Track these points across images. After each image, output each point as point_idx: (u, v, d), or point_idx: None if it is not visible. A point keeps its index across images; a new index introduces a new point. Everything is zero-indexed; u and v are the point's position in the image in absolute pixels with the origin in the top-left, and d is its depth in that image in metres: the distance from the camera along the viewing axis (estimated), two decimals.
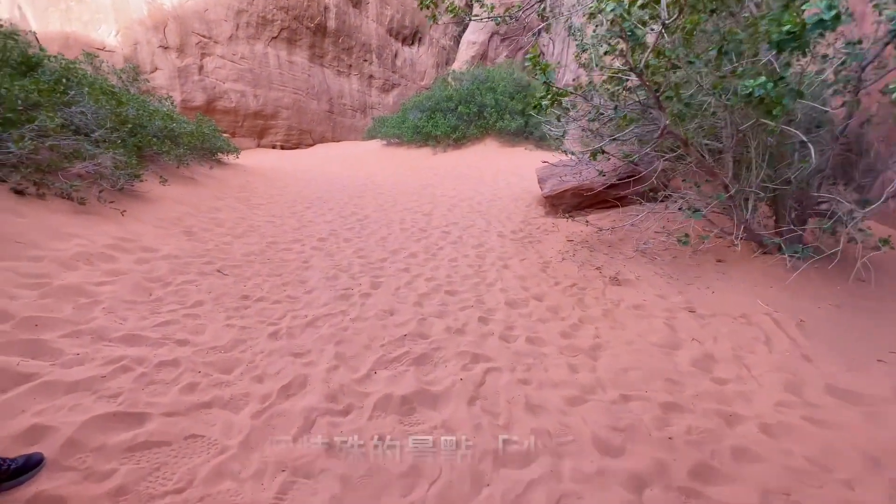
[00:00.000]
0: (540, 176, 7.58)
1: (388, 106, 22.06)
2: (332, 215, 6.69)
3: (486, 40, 23.29)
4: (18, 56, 5.64)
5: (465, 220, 6.62)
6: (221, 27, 15.30)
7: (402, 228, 5.99)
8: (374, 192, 8.91)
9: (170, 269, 3.64)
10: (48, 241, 3.51)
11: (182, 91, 14.82)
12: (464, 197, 8.41)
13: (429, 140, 15.38)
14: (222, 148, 9.44)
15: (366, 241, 5.25)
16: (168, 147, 6.70)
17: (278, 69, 17.24)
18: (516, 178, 10.07)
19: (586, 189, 6.70)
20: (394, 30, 21.62)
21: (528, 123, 14.79)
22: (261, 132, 17.56)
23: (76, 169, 4.55)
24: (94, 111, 5.50)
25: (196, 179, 7.37)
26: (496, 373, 2.49)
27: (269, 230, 5.51)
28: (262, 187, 8.62)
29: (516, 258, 4.73)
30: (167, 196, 5.80)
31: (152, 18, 13.81)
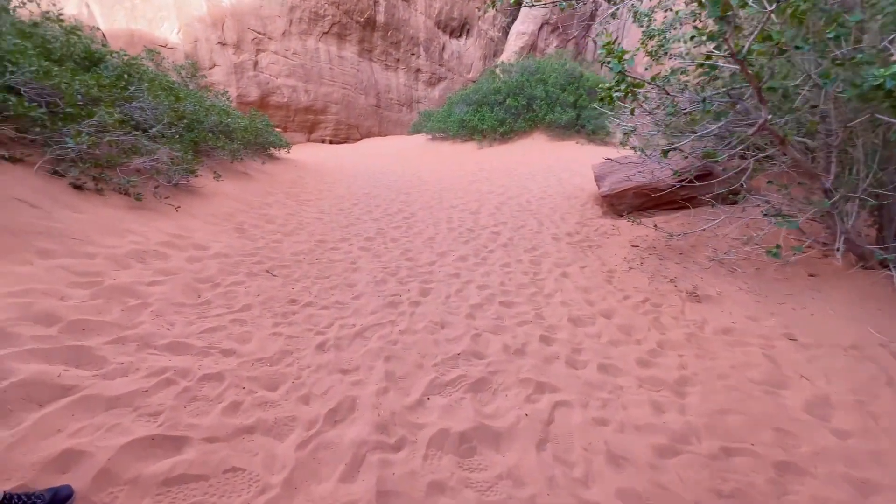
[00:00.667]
0: (597, 173, 7.05)
1: (433, 100, 21.81)
2: (378, 213, 6.51)
3: (535, 31, 22.49)
4: (82, 51, 5.79)
5: (515, 219, 6.24)
6: (275, 23, 15.55)
7: (449, 228, 5.70)
8: (420, 189, 8.68)
9: (219, 268, 3.54)
10: (103, 238, 3.49)
11: (238, 86, 15.23)
12: (512, 194, 8.01)
13: (475, 134, 15.00)
14: (274, 143, 9.53)
15: (413, 242, 5.01)
16: (223, 142, 6.75)
17: (328, 64, 17.38)
18: (568, 174, 9.52)
19: (651, 188, 6.13)
20: (442, 22, 21.26)
21: (581, 116, 14.06)
22: (311, 127, 17.82)
23: (134, 164, 4.58)
24: (152, 107, 5.57)
25: (249, 174, 7.42)
26: (566, 408, 2.14)
27: (318, 228, 5.38)
28: (312, 182, 8.60)
29: (576, 265, 4.32)
30: (220, 191, 5.82)
31: (211, 16, 14.22)
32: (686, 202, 6.13)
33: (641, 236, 5.14)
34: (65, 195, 3.81)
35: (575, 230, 5.66)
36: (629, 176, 6.54)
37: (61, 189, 3.87)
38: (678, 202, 6.16)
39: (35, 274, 2.77)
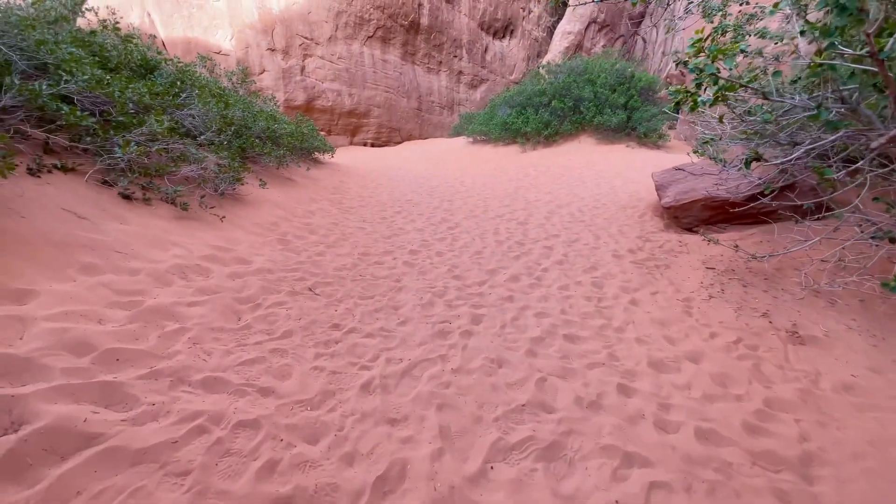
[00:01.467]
0: (658, 182, 6.45)
1: (475, 102, 21.42)
2: (422, 222, 6.21)
3: (582, 30, 21.63)
4: (139, 59, 5.83)
5: (568, 231, 5.77)
6: (322, 28, 15.67)
7: (497, 241, 5.32)
8: (464, 195, 8.33)
9: (261, 286, 3.33)
10: (148, 251, 3.36)
11: (285, 91, 15.46)
12: (562, 202, 7.51)
13: (518, 137, 14.48)
14: (319, 147, 9.47)
15: (459, 257, 4.66)
16: (269, 149, 6.67)
17: (372, 68, 17.37)
18: (621, 181, 8.89)
19: (722, 201, 5.50)
20: (485, 23, 20.83)
21: (631, 118, 13.26)
22: (353, 130, 17.89)
23: (182, 173, 4.49)
24: (202, 114, 5.52)
25: (294, 180, 7.34)
26: (665, 493, 1.72)
27: (361, 238, 5.15)
28: (354, 188, 8.45)
29: (645, 290, 3.83)
30: (265, 199, 5.70)
31: (262, 22, 14.48)
32: (763, 217, 5.48)
33: (715, 256, 4.56)
34: (113, 205, 3.74)
35: (637, 246, 5.13)
36: (696, 186, 5.92)
37: (110, 199, 3.80)
38: (753, 216, 5.51)
39: (76, 293, 2.62)
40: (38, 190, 3.35)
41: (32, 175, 3.45)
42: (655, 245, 5.19)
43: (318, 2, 15.29)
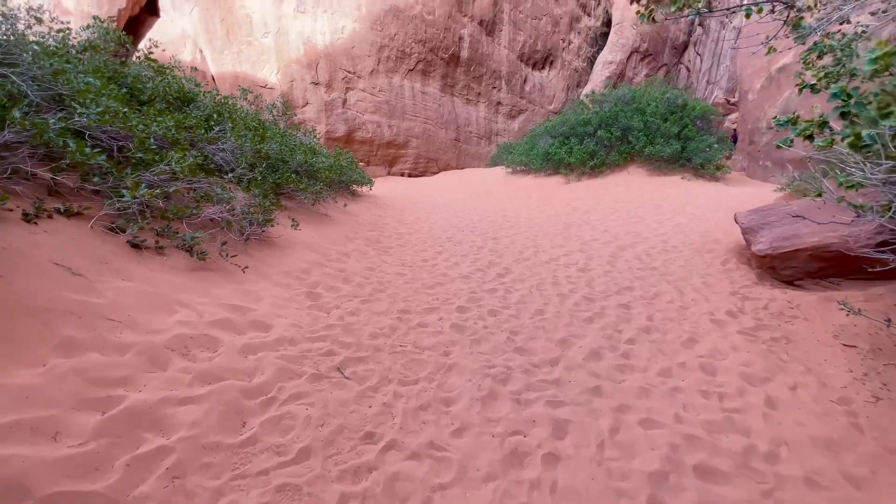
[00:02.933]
0: (746, 224, 5.40)
1: (513, 132, 20.84)
2: (466, 265, 5.40)
3: (624, 59, 20.84)
4: (176, 91, 5.46)
5: (643, 283, 4.78)
6: (364, 62, 15.63)
7: (559, 294, 4.41)
8: (509, 232, 7.50)
9: (278, 368, 2.57)
10: (148, 316, 2.70)
11: (327, 123, 15.38)
12: (623, 243, 6.52)
13: (560, 168, 13.61)
14: (357, 180, 8.96)
15: (518, 318, 3.78)
16: (305, 184, 6.13)
17: (412, 100, 17.16)
18: (686, 219, 7.81)
19: (837, 250, 4.40)
20: (525, 55, 20.43)
21: (686, 148, 12.15)
22: (392, 160, 17.60)
23: (205, 215, 3.90)
24: (234, 148, 5.02)
25: (330, 216, 6.75)
26: None
27: (400, 288, 4.37)
28: (392, 223, 7.80)
29: (778, 382, 2.81)
30: (298, 241, 5.07)
31: (307, 57, 14.56)
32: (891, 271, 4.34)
33: (846, 325, 3.47)
34: (118, 256, 3.14)
35: (735, 307, 4.09)
36: (797, 231, 4.84)
37: (116, 248, 3.21)
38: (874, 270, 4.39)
39: (37, 388, 1.94)
40: (29, 240, 2.77)
41: (28, 221, 2.90)
42: (758, 305, 4.13)
43: (361, 37, 15.30)
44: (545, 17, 20.37)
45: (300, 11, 14.34)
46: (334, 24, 14.80)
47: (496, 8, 18.53)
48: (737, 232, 6.43)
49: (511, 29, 19.42)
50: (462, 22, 17.60)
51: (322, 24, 14.68)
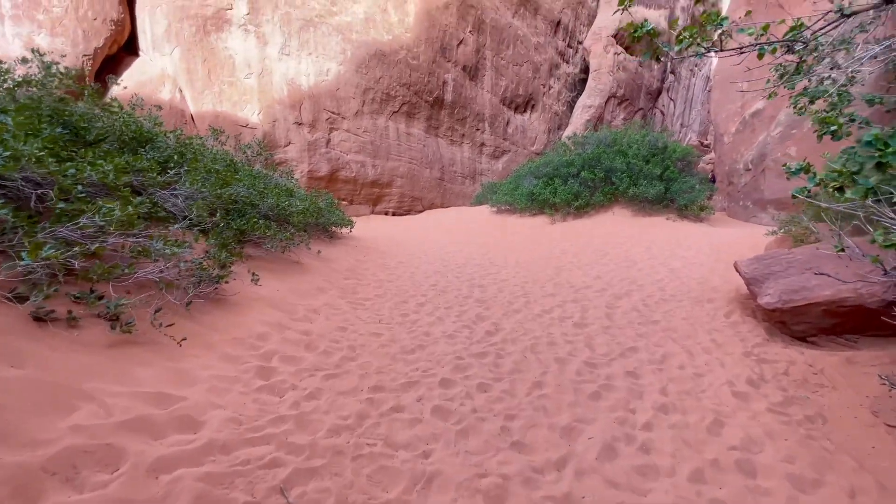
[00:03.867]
0: (749, 275, 4.97)
1: (496, 172, 20.83)
2: (451, 320, 4.80)
3: (602, 103, 21.34)
4: (133, 131, 4.92)
5: (646, 342, 4.24)
6: (349, 104, 15.51)
7: (556, 360, 3.81)
8: (497, 278, 6.96)
9: (196, 497, 1.87)
10: (35, 419, 2.00)
11: (310, 163, 14.99)
12: (618, 291, 6.03)
13: (545, 208, 13.37)
14: (336, 222, 8.41)
15: (514, 396, 3.16)
16: (274, 230, 5.53)
17: (396, 140, 17.02)
18: (679, 263, 7.42)
19: (855, 305, 3.97)
20: (507, 99, 20.76)
21: (669, 189, 12.05)
22: (375, 200, 17.21)
23: (139, 275, 3.26)
24: (191, 193, 4.43)
25: (301, 264, 6.12)
26: None
27: (374, 355, 3.73)
28: (372, 269, 7.20)
29: (831, 485, 2.23)
30: (258, 297, 4.42)
31: (291, 98, 14.34)
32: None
33: (879, 396, 2.96)
34: (13, 335, 2.45)
35: (755, 373, 3.55)
36: (807, 282, 4.42)
37: (13, 323, 2.52)
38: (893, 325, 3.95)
39: None
40: None
41: None
42: (777, 370, 3.61)
43: (346, 79, 15.24)
44: (526, 64, 20.90)
45: (284, 54, 14.25)
46: (319, 66, 14.73)
47: (479, 55, 18.91)
48: (734, 278, 6.03)
49: (493, 74, 19.79)
50: (446, 67, 17.83)
51: (307, 67, 14.58)
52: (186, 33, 13.42)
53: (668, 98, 25.54)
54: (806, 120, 10.50)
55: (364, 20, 15.34)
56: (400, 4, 16.10)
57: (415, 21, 16.44)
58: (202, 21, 13.49)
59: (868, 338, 4.03)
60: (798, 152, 10.65)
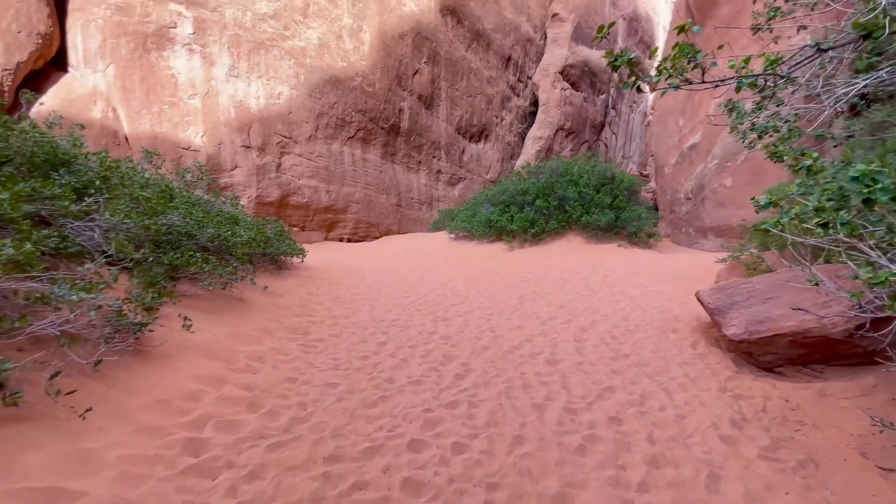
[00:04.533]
0: (712, 305, 4.97)
1: (453, 198, 20.85)
2: (417, 361, 4.36)
3: (551, 135, 22.24)
4: (46, 152, 4.18)
5: (621, 379, 4.03)
6: (302, 128, 14.94)
7: (534, 405, 3.48)
8: (461, 310, 6.62)
9: None
10: None
11: (258, 188, 14.14)
12: (583, 322, 5.88)
13: (503, 235, 13.38)
14: (286, 252, 7.75)
15: (493, 457, 2.77)
16: (213, 264, 4.88)
17: (352, 166, 16.57)
18: (638, 291, 7.47)
19: (820, 336, 4.00)
20: (462, 128, 21.07)
21: (620, 217, 12.47)
22: (330, 225, 16.50)
23: (33, 330, 2.58)
24: (112, 225, 3.76)
25: (246, 301, 5.45)
26: None
27: (330, 411, 3.20)
28: (327, 302, 6.60)
29: None
30: (192, 345, 3.76)
31: (238, 120, 13.56)
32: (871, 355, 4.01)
33: (865, 436, 2.88)
34: None
35: (735, 411, 3.41)
36: (770, 312, 4.46)
37: None
38: (858, 355, 4.04)
39: None
40: None
41: None
42: (755, 407, 3.50)
43: (299, 103, 14.72)
44: (479, 96, 21.43)
45: (233, 75, 13.55)
46: (270, 89, 14.13)
47: (434, 85, 19.14)
48: (693, 306, 6.09)
49: (449, 104, 20.06)
50: (402, 95, 17.82)
51: (256, 89, 13.93)
52: (124, 50, 12.41)
53: (610, 131, 27.18)
54: (739, 153, 11.34)
55: (318, 46, 15.03)
56: (355, 33, 16.00)
57: (370, 50, 16.38)
58: (142, 38, 12.55)
59: (833, 367, 4.07)
60: (733, 183, 11.43)
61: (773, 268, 5.81)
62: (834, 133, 4.19)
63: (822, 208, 2.40)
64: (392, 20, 16.90)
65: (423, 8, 18.02)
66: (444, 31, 19.21)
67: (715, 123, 9.66)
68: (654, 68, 2.59)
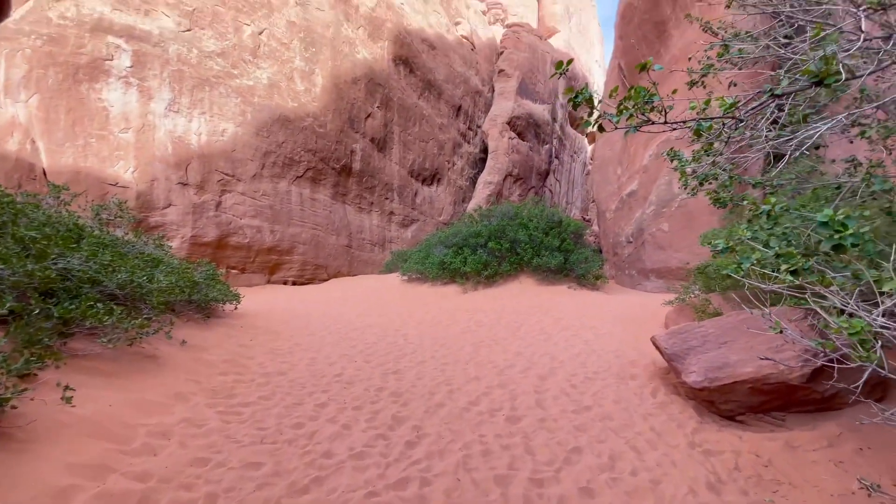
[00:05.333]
0: (669, 351, 4.85)
1: (406, 240, 20.54)
2: (361, 429, 3.76)
3: (501, 181, 22.95)
4: None
5: (588, 438, 3.68)
6: (246, 166, 14.20)
7: (497, 479, 3.01)
8: (414, 359, 6.08)
9: None
10: None
11: (194, 227, 13.01)
12: (542, 371, 5.57)
13: (456, 277, 13.12)
14: (217, 298, 6.90)
15: None
16: (118, 315, 4.08)
17: (300, 206, 15.86)
18: (591, 334, 7.35)
19: (780, 382, 3.93)
20: (415, 171, 21.20)
21: (568, 260, 12.68)
22: (273, 267, 15.44)
23: None
24: None
25: (159, 359, 4.60)
26: None
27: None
28: (260, 356, 5.81)
29: None
30: (73, 422, 2.95)
31: (176, 156, 12.62)
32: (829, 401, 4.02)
33: (843, 495, 2.70)
34: None
35: (709, 471, 3.14)
36: (727, 357, 4.38)
37: None
38: (817, 401, 4.01)
39: None
40: None
41: None
42: (727, 464, 3.27)
43: (244, 141, 14.06)
44: (431, 141, 21.86)
45: (173, 111, 12.74)
46: (214, 126, 13.41)
47: (387, 129, 19.27)
48: (647, 350, 6.00)
49: (401, 148, 20.21)
50: (354, 137, 17.70)
51: (198, 125, 13.16)
52: (51, 80, 11.32)
53: (554, 178, 28.64)
54: (673, 199, 12.09)
55: (268, 86, 14.68)
56: (307, 75, 15.88)
57: (322, 91, 16.27)
58: (73, 69, 11.55)
59: (794, 414, 3.99)
60: (669, 227, 12.08)
61: (719, 310, 5.91)
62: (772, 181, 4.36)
63: (791, 255, 2.29)
64: (345, 65, 17.04)
65: (376, 56, 18.42)
66: (397, 78, 19.67)
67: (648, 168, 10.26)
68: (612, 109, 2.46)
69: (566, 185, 29.76)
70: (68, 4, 11.47)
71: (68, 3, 11.47)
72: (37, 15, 11.19)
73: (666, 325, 7.20)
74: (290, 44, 15.37)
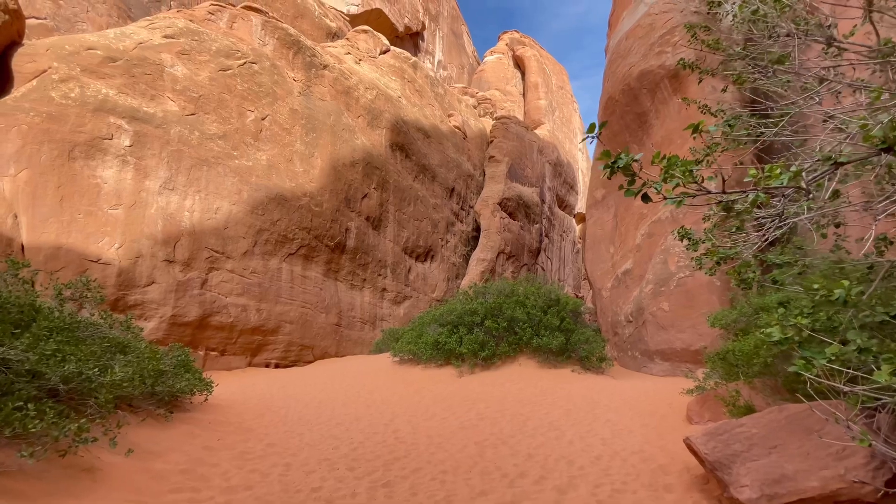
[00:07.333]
0: (712, 458, 4.10)
1: (398, 317, 19.76)
2: None
3: (493, 258, 22.94)
4: None
5: None
6: (238, 243, 13.90)
7: None
8: (407, 467, 5.15)
9: None
10: None
11: (175, 306, 12.26)
12: (560, 482, 4.69)
13: (451, 358, 12.24)
14: (184, 389, 6.03)
15: None
16: (49, 420, 3.31)
17: (290, 283, 15.32)
18: (608, 430, 6.48)
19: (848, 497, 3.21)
20: (409, 248, 21.14)
21: (570, 340, 11.99)
22: (256, 349, 14.41)
23: None
24: None
25: (97, 472, 3.71)
26: None
27: None
28: (225, 463, 4.86)
29: None
30: None
31: (165, 233, 12.31)
32: None
33: None
34: None
35: None
36: (784, 466, 3.67)
37: None
38: None
39: None
40: None
41: None
42: None
43: (238, 219, 13.92)
44: (425, 220, 22.15)
45: (168, 188, 12.72)
46: (208, 204, 13.34)
47: (382, 208, 19.54)
48: (676, 450, 5.19)
49: (396, 226, 20.34)
50: (350, 216, 17.80)
51: (192, 203, 13.08)
52: (44, 156, 11.35)
53: (545, 256, 28.82)
54: (671, 278, 11.83)
55: (267, 167, 14.99)
56: (306, 158, 16.36)
57: (320, 173, 16.66)
58: (69, 146, 11.66)
59: None
60: (670, 307, 11.66)
61: (751, 402, 5.24)
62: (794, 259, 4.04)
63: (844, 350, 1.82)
64: (344, 150, 17.71)
65: (374, 143, 19.30)
66: (394, 162, 20.45)
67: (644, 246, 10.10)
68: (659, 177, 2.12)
69: (557, 263, 29.89)
70: (73, 85, 11.90)
71: (73, 84, 11.91)
72: (39, 94, 11.53)
73: (689, 419, 6.41)
74: (292, 129, 16.04)
